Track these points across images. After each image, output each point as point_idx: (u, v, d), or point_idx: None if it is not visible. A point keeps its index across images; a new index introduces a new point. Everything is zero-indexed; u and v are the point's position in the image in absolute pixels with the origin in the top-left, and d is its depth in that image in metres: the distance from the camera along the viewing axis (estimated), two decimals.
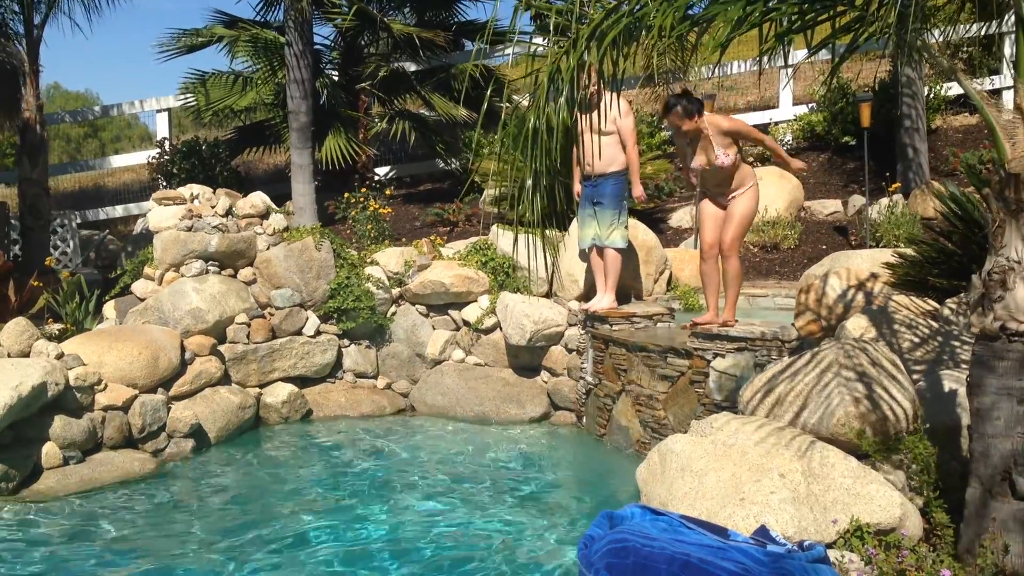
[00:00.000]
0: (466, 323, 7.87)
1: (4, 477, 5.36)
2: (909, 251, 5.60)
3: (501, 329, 7.66)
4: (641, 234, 8.22)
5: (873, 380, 3.93)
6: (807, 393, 4.03)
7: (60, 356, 6.05)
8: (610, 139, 6.90)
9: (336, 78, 12.23)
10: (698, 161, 5.88)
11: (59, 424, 5.74)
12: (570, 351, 7.45)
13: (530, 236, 4.18)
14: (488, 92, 4.55)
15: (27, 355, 6.06)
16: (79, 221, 12.37)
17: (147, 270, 7.55)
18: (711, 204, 6.05)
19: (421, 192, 12.79)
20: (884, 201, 9.53)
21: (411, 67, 12.42)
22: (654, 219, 10.65)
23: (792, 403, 4.05)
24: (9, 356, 6.00)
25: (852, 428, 3.79)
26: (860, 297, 5.54)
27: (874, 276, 5.63)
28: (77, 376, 5.93)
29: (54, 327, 7.04)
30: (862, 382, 3.93)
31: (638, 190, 7.06)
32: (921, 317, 4.87)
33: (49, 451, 5.67)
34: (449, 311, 7.97)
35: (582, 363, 7.19)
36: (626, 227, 7.15)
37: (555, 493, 5.59)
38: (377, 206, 9.58)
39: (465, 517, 5.10)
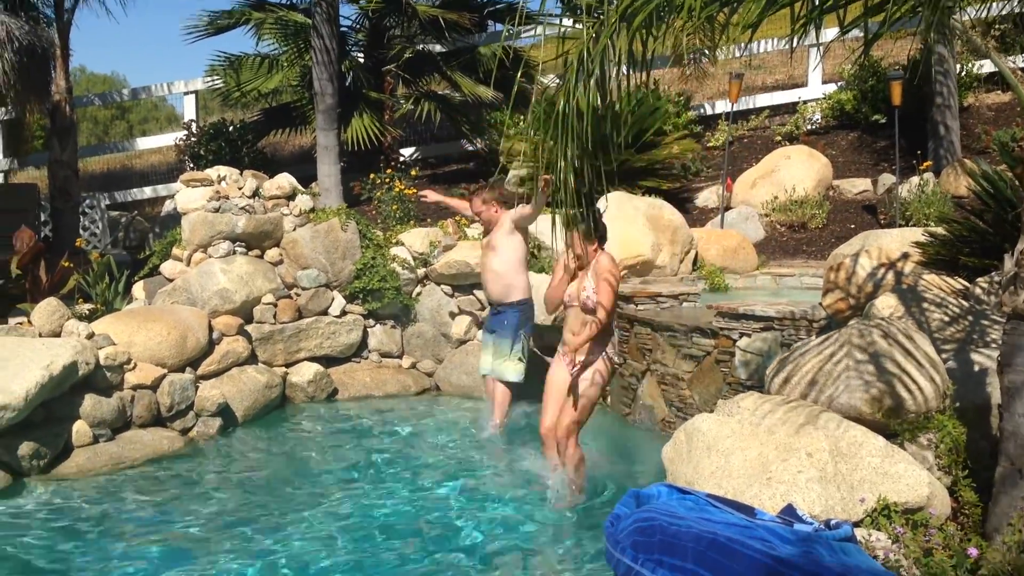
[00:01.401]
0: None
1: (35, 455, 5.44)
2: (940, 230, 5.55)
3: None
4: (668, 214, 8.18)
5: (888, 359, 3.89)
6: (817, 371, 4.01)
7: (90, 336, 6.12)
8: (508, 260, 6.21)
9: (362, 60, 12.24)
10: (572, 289, 5.06)
11: (89, 403, 5.82)
12: None
13: (557, 216, 4.16)
14: (519, 75, 4.51)
15: (58, 335, 6.14)
16: (108, 202, 12.50)
17: (175, 251, 7.60)
18: (561, 369, 5.10)
19: (446, 173, 12.80)
20: (915, 180, 9.41)
21: (436, 48, 12.39)
22: (680, 199, 10.59)
23: (800, 382, 4.03)
24: (40, 336, 6.09)
25: (861, 409, 3.77)
26: (890, 276, 5.48)
27: (904, 255, 5.57)
28: (107, 355, 6.00)
29: (84, 307, 7.12)
30: (875, 362, 3.89)
31: None
32: (951, 296, 4.82)
33: (79, 429, 5.75)
34: (474, 291, 7.96)
35: None
36: (520, 360, 6.28)
37: None
38: (402, 187, 9.59)
39: (490, 496, 5.13)
